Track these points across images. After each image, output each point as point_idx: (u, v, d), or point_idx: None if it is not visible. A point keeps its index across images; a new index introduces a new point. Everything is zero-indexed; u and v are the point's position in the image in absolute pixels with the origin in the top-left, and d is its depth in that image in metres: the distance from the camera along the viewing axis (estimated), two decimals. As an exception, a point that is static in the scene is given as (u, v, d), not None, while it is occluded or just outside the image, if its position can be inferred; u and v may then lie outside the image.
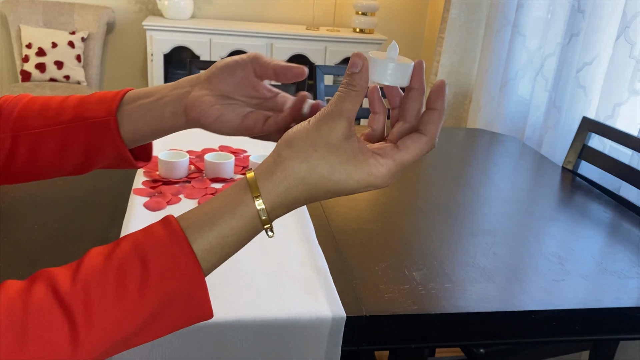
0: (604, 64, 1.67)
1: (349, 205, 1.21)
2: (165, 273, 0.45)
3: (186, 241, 0.46)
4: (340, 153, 0.47)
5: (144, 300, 0.45)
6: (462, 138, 1.82)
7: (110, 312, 0.44)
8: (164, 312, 0.46)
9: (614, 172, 1.47)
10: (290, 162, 0.47)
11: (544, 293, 0.94)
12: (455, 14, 2.58)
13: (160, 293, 0.45)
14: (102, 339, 0.45)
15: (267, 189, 0.47)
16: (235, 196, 0.48)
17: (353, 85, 0.47)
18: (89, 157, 0.62)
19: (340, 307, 0.84)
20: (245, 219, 0.48)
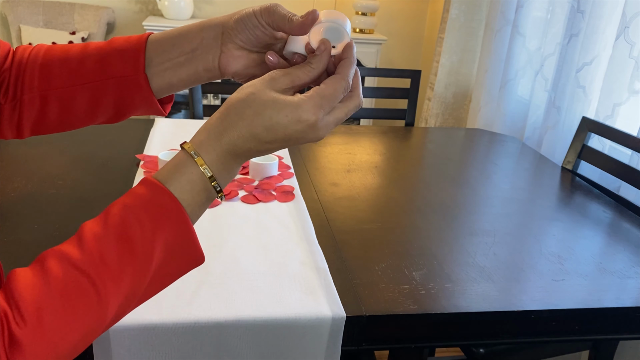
0: (603, 64, 1.68)
1: (349, 205, 1.21)
2: (160, 222, 0.50)
3: (166, 189, 0.51)
4: (273, 104, 0.52)
5: (150, 251, 0.50)
6: (461, 138, 1.82)
7: (127, 268, 0.49)
8: (168, 259, 0.51)
9: (614, 172, 1.47)
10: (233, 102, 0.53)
11: (544, 293, 0.94)
12: (455, 14, 2.58)
13: (161, 241, 0.50)
14: (121, 295, 0.49)
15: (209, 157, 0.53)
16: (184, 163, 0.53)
17: (312, 64, 0.55)
18: (120, 111, 0.64)
19: (340, 307, 0.84)
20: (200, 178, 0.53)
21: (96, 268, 0.48)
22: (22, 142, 1.42)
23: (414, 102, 2.02)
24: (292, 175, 1.33)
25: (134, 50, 0.61)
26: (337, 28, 0.56)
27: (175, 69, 0.62)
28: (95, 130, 1.57)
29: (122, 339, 0.78)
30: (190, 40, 0.61)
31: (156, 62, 0.61)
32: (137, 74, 0.61)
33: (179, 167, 0.52)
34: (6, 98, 0.63)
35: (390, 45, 3.39)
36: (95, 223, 0.51)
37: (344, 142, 1.64)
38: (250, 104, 0.52)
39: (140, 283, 0.50)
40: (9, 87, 0.63)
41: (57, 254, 0.48)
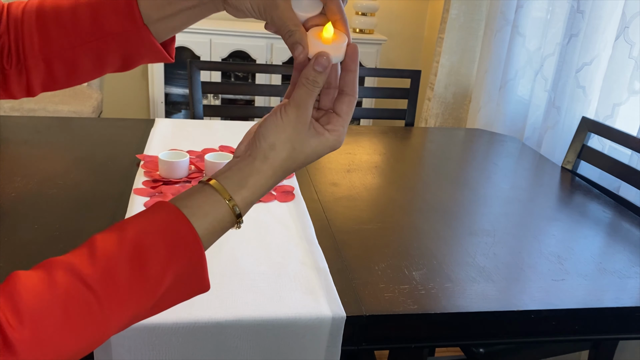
0: (603, 64, 1.68)
1: (349, 205, 1.21)
2: (176, 253, 0.51)
3: (189, 222, 0.52)
4: (310, 143, 0.58)
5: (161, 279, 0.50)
6: (461, 138, 1.82)
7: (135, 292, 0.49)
8: (175, 287, 0.52)
9: (614, 172, 1.47)
10: (276, 161, 0.56)
11: (544, 293, 0.94)
12: (454, 14, 2.58)
13: (173, 271, 0.51)
14: (125, 317, 0.50)
15: (240, 196, 0.56)
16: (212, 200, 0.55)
17: (318, 83, 0.56)
18: (128, 62, 0.64)
19: (340, 306, 0.84)
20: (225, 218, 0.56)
21: (105, 287, 0.48)
22: (22, 142, 1.42)
23: (414, 102, 2.02)
24: (292, 175, 1.33)
25: (126, 4, 0.60)
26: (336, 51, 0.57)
27: (178, 18, 0.62)
28: (96, 130, 1.57)
29: (122, 339, 0.78)
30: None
31: (155, 16, 0.61)
32: (138, 29, 0.60)
33: (205, 204, 0.54)
34: (10, 64, 0.62)
35: (390, 45, 3.39)
36: (108, 239, 0.50)
37: (344, 142, 1.64)
38: (296, 159, 0.58)
39: (145, 305, 0.51)
40: (10, 52, 0.62)
41: (67, 265, 0.48)
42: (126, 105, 3.29)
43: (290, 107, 0.56)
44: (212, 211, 0.54)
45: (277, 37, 3.02)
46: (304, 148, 0.57)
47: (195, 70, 1.87)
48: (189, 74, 1.86)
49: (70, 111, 2.64)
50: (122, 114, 3.27)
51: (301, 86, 0.56)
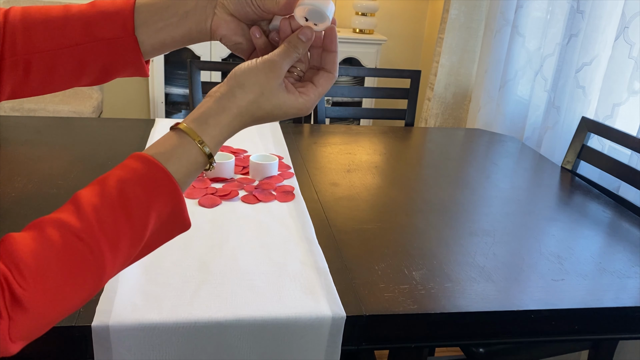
0: (603, 64, 1.68)
1: (349, 205, 1.21)
2: (156, 196, 0.54)
3: (164, 168, 0.55)
4: (279, 95, 0.60)
5: (146, 223, 0.54)
6: (461, 138, 1.82)
7: (124, 237, 0.53)
8: (159, 228, 0.56)
9: (613, 172, 1.47)
10: (242, 101, 0.58)
11: (543, 293, 0.94)
12: (454, 15, 2.58)
13: (156, 213, 0.54)
14: (119, 260, 0.53)
15: (209, 135, 0.58)
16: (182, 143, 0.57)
17: (298, 49, 0.60)
18: (107, 73, 0.65)
19: (340, 306, 0.85)
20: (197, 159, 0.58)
21: (95, 237, 0.51)
22: (23, 142, 1.42)
23: (414, 102, 2.02)
24: (292, 175, 1.33)
25: (122, 12, 0.62)
26: (319, 11, 0.61)
27: (168, 30, 0.63)
28: (96, 130, 1.57)
29: (123, 338, 0.78)
30: (184, 4, 0.63)
31: (147, 23, 0.62)
32: (128, 36, 0.62)
33: (177, 148, 0.56)
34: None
35: (390, 45, 3.39)
36: (91, 193, 0.53)
37: (344, 142, 1.64)
38: (261, 105, 0.59)
39: (134, 249, 0.55)
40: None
41: (57, 222, 0.51)
42: (126, 105, 3.29)
43: (268, 57, 0.60)
44: (184, 154, 0.56)
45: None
46: (271, 97, 0.59)
47: (195, 70, 1.87)
48: (189, 74, 1.86)
49: (70, 111, 2.64)
50: (122, 114, 3.27)
51: (283, 46, 0.60)
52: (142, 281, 0.87)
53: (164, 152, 0.56)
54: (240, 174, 1.31)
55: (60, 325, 0.77)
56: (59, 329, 0.77)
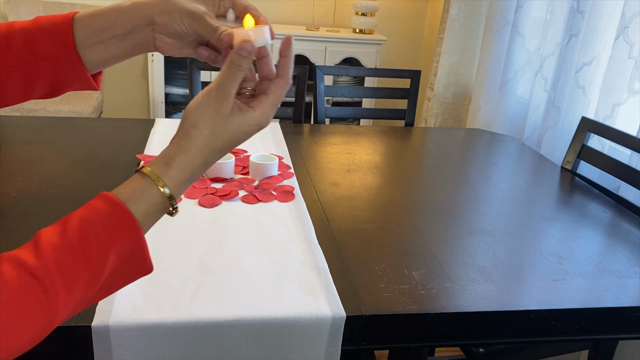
0: (603, 64, 1.68)
1: (349, 205, 1.21)
2: (116, 236, 0.54)
3: (126, 207, 0.55)
4: (233, 120, 0.59)
5: (104, 262, 0.53)
6: (461, 138, 1.82)
7: (80, 277, 0.52)
8: (119, 269, 0.55)
9: (613, 172, 1.47)
10: (199, 139, 0.58)
11: (543, 293, 0.94)
12: (454, 15, 2.58)
13: (115, 253, 0.54)
14: (74, 300, 0.52)
15: (169, 177, 0.58)
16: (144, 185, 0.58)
17: (241, 67, 0.58)
18: (56, 89, 0.66)
19: (340, 306, 0.85)
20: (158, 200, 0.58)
21: (50, 276, 0.50)
22: (23, 142, 1.42)
23: (414, 103, 2.02)
24: (292, 175, 1.34)
25: (62, 30, 0.62)
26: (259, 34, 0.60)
27: (110, 50, 0.64)
28: (96, 130, 1.57)
29: (123, 338, 0.78)
30: (120, 26, 0.63)
31: (88, 44, 0.63)
32: (70, 55, 0.62)
33: (138, 189, 0.57)
34: None
35: (390, 45, 3.39)
36: (52, 232, 0.53)
37: (344, 142, 1.64)
38: (219, 137, 0.59)
39: (91, 290, 0.54)
40: None
41: (12, 259, 0.50)
42: (126, 106, 3.29)
43: (213, 88, 0.59)
44: (145, 194, 0.57)
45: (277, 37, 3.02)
46: (226, 125, 0.59)
47: (195, 70, 1.87)
48: (189, 74, 1.86)
49: (70, 111, 2.64)
50: (122, 114, 3.27)
51: (225, 69, 0.59)
52: (142, 281, 0.87)
53: (126, 193, 0.56)
54: (240, 174, 1.31)
55: (60, 325, 0.77)
56: (59, 329, 0.77)
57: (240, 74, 0.59)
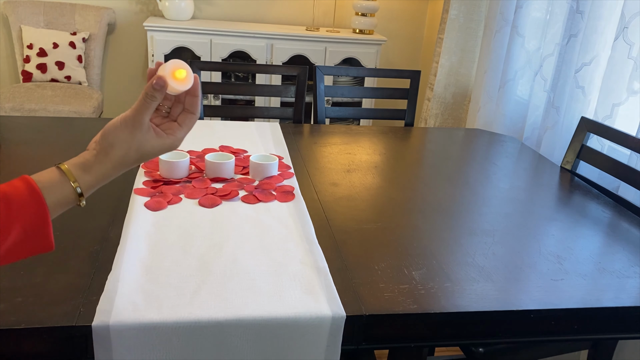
0: (602, 64, 1.68)
1: (349, 205, 1.21)
2: (25, 212, 0.64)
3: (40, 192, 0.66)
4: (147, 143, 0.72)
5: (9, 228, 0.63)
6: (461, 138, 1.82)
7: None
8: (22, 241, 0.65)
9: (613, 172, 1.47)
10: (114, 157, 0.71)
11: (543, 292, 0.94)
12: (454, 15, 2.58)
13: (21, 225, 0.64)
14: None
15: (83, 180, 0.70)
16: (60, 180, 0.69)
17: (155, 97, 0.71)
18: None
19: (340, 306, 0.85)
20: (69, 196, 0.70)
21: None
22: (23, 142, 1.42)
23: (414, 103, 2.02)
24: (292, 175, 1.34)
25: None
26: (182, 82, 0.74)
27: None
28: (96, 130, 1.57)
29: (123, 338, 0.78)
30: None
31: None
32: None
33: (55, 182, 0.68)
34: None
35: (390, 45, 3.39)
36: None
37: (344, 142, 1.64)
38: (131, 155, 0.73)
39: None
40: None
41: None
42: (127, 106, 3.29)
43: (129, 115, 0.71)
44: (60, 187, 0.68)
45: (277, 38, 3.04)
46: (140, 147, 0.72)
47: (195, 70, 1.87)
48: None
49: (70, 111, 2.64)
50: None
51: (141, 99, 0.71)
52: (142, 281, 0.87)
53: (43, 182, 0.67)
54: (240, 174, 1.32)
55: (60, 325, 0.77)
56: (59, 328, 0.77)
57: (153, 104, 0.71)
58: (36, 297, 0.82)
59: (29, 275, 0.87)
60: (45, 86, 2.83)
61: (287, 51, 2.99)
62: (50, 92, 2.75)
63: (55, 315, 0.79)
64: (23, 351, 0.78)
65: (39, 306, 0.80)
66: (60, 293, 0.84)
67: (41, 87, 2.81)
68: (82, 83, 2.94)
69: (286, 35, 2.98)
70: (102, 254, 0.94)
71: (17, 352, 0.78)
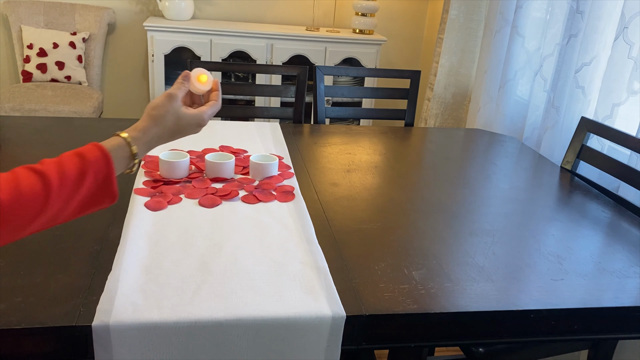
0: (602, 64, 1.68)
1: (349, 205, 1.21)
2: (97, 163, 0.78)
3: (108, 153, 0.80)
4: (179, 110, 0.91)
5: (84, 176, 0.76)
6: (461, 138, 1.82)
7: (69, 179, 0.75)
8: (94, 188, 0.78)
9: (613, 172, 1.47)
10: (156, 118, 0.89)
11: (543, 292, 0.94)
12: (454, 15, 2.58)
13: (93, 174, 0.78)
14: (61, 200, 0.74)
15: (139, 143, 0.87)
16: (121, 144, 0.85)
17: (184, 84, 0.95)
18: None
19: (340, 306, 0.85)
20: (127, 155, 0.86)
21: (50, 171, 0.73)
22: (23, 142, 1.42)
23: (414, 103, 2.02)
24: (292, 175, 1.34)
25: None
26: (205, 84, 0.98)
27: None
28: (96, 130, 1.57)
29: (123, 338, 0.78)
30: None
31: None
32: None
33: (117, 145, 0.83)
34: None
35: (390, 45, 3.40)
36: (66, 156, 0.77)
37: (344, 142, 1.64)
38: (174, 126, 0.91)
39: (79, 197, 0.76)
40: None
41: (23, 166, 0.75)
42: (126, 106, 3.29)
43: (168, 91, 0.92)
44: (121, 149, 0.83)
45: (277, 38, 3.04)
46: (175, 112, 0.90)
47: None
48: (189, 75, 1.86)
49: (71, 111, 2.64)
50: (122, 114, 3.27)
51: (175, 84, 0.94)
52: (142, 281, 0.87)
53: (109, 146, 0.82)
54: (240, 174, 1.32)
55: (60, 325, 0.77)
56: (59, 328, 0.77)
57: (183, 87, 0.94)
58: (36, 297, 0.82)
59: (29, 275, 0.87)
60: (45, 86, 2.83)
61: (287, 51, 2.99)
62: (50, 92, 2.75)
63: (55, 315, 0.79)
64: (23, 351, 0.78)
65: (39, 306, 0.80)
66: (60, 293, 0.84)
67: (41, 87, 2.81)
68: (82, 83, 2.94)
69: (286, 35, 2.98)
70: (102, 254, 0.94)
71: (17, 352, 0.78)
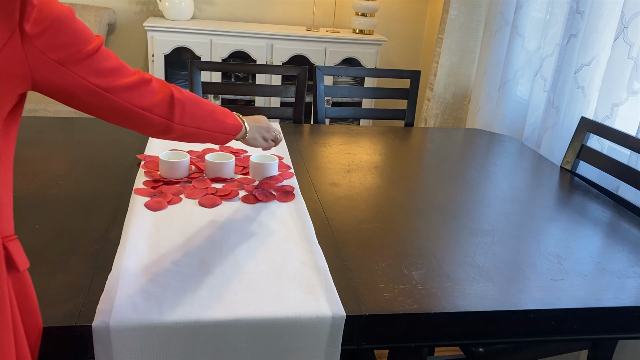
0: (602, 64, 1.68)
1: (349, 205, 1.21)
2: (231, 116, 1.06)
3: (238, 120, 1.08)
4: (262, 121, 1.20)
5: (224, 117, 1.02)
6: (461, 138, 1.82)
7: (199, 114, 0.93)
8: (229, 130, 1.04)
9: (613, 172, 1.47)
10: (261, 124, 1.17)
11: (543, 292, 0.94)
12: (454, 15, 2.58)
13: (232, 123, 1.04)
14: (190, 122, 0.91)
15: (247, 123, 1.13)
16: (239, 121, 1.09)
17: (274, 141, 1.23)
18: None
19: (340, 306, 0.85)
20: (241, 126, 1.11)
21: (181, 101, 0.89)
22: (24, 142, 1.42)
23: (414, 103, 2.02)
24: (292, 175, 1.34)
25: None
26: None
27: None
28: (96, 130, 1.57)
29: (123, 338, 0.78)
30: None
31: None
32: None
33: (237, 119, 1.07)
34: None
35: (390, 45, 3.39)
36: None
37: (344, 142, 1.64)
38: (264, 128, 1.18)
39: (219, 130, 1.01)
40: None
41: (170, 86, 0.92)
42: (126, 106, 3.28)
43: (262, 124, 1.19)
44: (238, 124, 1.07)
45: (277, 38, 3.04)
46: (268, 128, 1.20)
47: (195, 70, 1.87)
48: (189, 74, 1.86)
49: (71, 111, 2.64)
50: (122, 114, 3.26)
51: (274, 137, 1.22)
52: (142, 281, 0.87)
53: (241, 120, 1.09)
54: (240, 174, 1.32)
55: (60, 325, 0.77)
56: (59, 328, 0.77)
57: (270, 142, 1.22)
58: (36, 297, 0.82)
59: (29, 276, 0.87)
60: (45, 86, 2.83)
61: (287, 51, 2.99)
62: (50, 92, 2.75)
63: (56, 315, 0.79)
64: (23, 351, 0.78)
65: (39, 306, 0.80)
66: (60, 293, 0.84)
67: (41, 87, 2.81)
68: (82, 83, 2.94)
69: (286, 35, 2.98)
70: (102, 254, 0.94)
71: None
